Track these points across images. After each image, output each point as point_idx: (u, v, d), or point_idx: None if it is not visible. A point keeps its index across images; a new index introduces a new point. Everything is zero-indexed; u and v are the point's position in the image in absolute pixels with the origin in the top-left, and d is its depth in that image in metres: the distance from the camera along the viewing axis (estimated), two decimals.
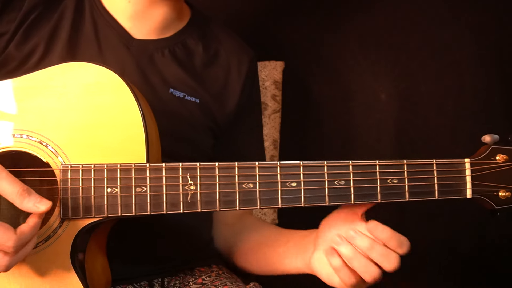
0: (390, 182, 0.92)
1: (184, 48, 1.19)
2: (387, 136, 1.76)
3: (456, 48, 1.74)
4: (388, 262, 0.88)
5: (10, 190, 0.78)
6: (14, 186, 0.78)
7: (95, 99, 0.90)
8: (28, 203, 0.78)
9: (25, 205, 0.78)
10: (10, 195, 0.78)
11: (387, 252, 0.88)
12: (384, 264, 0.88)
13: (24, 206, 0.78)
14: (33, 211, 0.79)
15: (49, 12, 1.10)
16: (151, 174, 0.87)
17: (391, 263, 0.88)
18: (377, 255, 0.88)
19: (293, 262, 1.04)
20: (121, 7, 1.13)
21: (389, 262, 0.88)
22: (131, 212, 0.86)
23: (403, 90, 1.76)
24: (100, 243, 0.98)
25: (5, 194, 0.78)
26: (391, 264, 0.88)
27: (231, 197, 0.88)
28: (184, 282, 1.15)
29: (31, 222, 0.79)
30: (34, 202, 0.78)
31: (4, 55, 1.08)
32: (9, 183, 0.78)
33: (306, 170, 0.89)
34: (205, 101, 1.19)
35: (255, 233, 1.19)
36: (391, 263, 0.88)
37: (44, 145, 0.88)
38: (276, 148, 1.63)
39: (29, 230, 0.78)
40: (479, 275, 1.81)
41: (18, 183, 0.78)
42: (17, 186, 0.78)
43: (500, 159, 0.95)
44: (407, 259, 1.67)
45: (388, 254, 0.88)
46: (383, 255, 0.88)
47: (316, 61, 1.79)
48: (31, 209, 0.78)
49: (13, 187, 0.78)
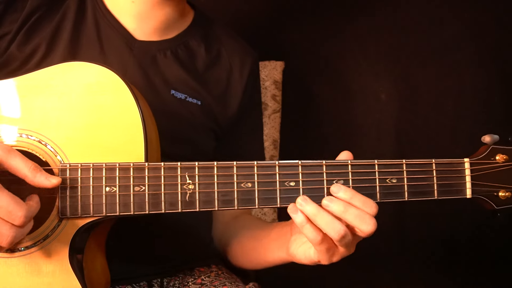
0: (389, 181, 0.91)
1: (186, 49, 1.19)
2: (387, 136, 1.77)
3: (456, 48, 1.74)
4: (364, 223, 0.86)
5: (23, 165, 0.81)
6: (27, 162, 0.82)
7: (94, 99, 0.90)
8: (40, 177, 0.82)
9: (37, 179, 0.82)
10: (23, 170, 0.81)
11: (361, 213, 0.86)
12: (361, 226, 0.86)
13: (36, 179, 0.82)
14: (44, 184, 0.82)
15: (52, 12, 1.10)
16: (149, 173, 0.87)
17: (367, 223, 0.86)
18: (352, 217, 0.86)
19: (276, 252, 1.04)
20: (125, 7, 1.13)
21: (365, 223, 0.86)
22: (129, 212, 0.86)
23: (403, 90, 1.76)
24: (99, 243, 0.98)
25: (19, 168, 0.81)
26: (367, 225, 0.86)
27: (230, 196, 0.88)
28: (183, 282, 1.15)
29: (35, 198, 0.82)
30: (46, 176, 0.83)
31: (6, 55, 1.08)
32: (22, 160, 0.82)
33: (304, 170, 0.89)
34: (207, 103, 1.19)
35: (247, 229, 1.19)
36: (367, 224, 0.86)
37: (43, 144, 0.89)
38: (276, 148, 1.63)
39: (35, 205, 0.81)
40: (479, 275, 1.81)
41: (30, 161, 0.82)
42: (30, 162, 0.82)
43: (500, 159, 0.94)
44: (407, 259, 1.68)
45: (362, 215, 0.86)
46: (358, 216, 0.86)
47: (316, 61, 1.79)
48: (43, 182, 0.82)
49: (26, 162, 0.82)
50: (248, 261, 1.17)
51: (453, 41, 1.74)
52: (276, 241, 1.04)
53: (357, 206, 0.87)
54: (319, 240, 0.87)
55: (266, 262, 1.10)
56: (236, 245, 1.19)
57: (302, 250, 0.94)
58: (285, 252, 1.00)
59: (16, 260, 0.87)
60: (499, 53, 1.73)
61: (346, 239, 0.87)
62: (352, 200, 0.87)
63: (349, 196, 0.87)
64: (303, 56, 1.79)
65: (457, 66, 1.74)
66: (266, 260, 1.10)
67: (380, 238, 1.69)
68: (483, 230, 1.77)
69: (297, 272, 1.16)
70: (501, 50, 1.73)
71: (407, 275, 1.78)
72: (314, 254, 0.91)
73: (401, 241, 1.77)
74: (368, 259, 1.71)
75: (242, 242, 1.18)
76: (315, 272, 1.18)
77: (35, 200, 0.82)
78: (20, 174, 0.81)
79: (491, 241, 1.78)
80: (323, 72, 1.79)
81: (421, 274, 1.79)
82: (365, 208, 0.87)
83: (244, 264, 1.19)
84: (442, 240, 1.77)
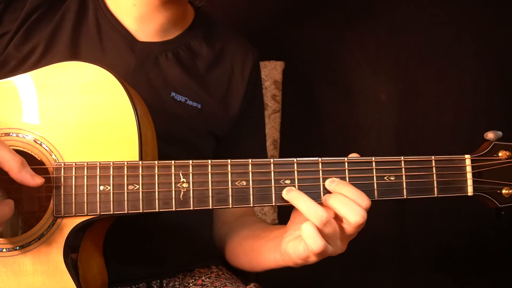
0: (387, 179, 0.91)
1: (188, 50, 1.19)
2: (387, 136, 1.76)
3: (456, 48, 1.74)
4: (352, 213, 0.85)
5: (10, 157, 0.82)
6: (15, 156, 0.82)
7: (90, 98, 0.90)
8: (26, 173, 0.82)
9: (23, 174, 0.82)
10: (8, 162, 0.81)
11: (349, 201, 0.85)
12: (349, 215, 0.85)
13: (21, 175, 0.82)
14: (27, 181, 0.82)
15: (51, 13, 1.11)
16: (143, 172, 0.87)
17: (355, 214, 0.85)
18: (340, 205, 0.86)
19: (271, 253, 1.00)
20: (127, 9, 1.13)
21: (352, 213, 0.85)
22: (123, 210, 0.86)
23: (403, 90, 1.75)
24: (95, 243, 0.98)
25: (4, 160, 0.81)
26: (355, 215, 0.85)
27: (224, 194, 0.87)
28: (183, 283, 1.15)
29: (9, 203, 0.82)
30: (31, 174, 0.83)
31: (4, 55, 1.09)
32: (10, 153, 0.82)
33: (300, 167, 0.89)
34: (207, 106, 1.18)
35: (248, 229, 1.18)
36: (355, 214, 0.85)
37: (38, 144, 0.89)
38: (276, 148, 1.63)
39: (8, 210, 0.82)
40: (479, 276, 1.80)
41: (18, 155, 0.83)
42: (18, 156, 0.82)
43: (503, 155, 0.92)
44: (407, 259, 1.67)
45: (351, 204, 0.85)
46: (345, 203, 0.85)
47: (316, 61, 1.79)
48: (27, 179, 0.82)
49: (14, 156, 0.82)
50: (247, 261, 1.15)
51: (453, 41, 1.74)
52: (273, 241, 1.02)
53: (346, 195, 0.86)
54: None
55: (261, 264, 1.06)
56: (237, 245, 1.18)
57: (291, 245, 0.91)
58: (280, 255, 0.97)
59: (11, 259, 0.87)
60: (499, 53, 1.73)
61: (330, 229, 0.85)
62: (342, 190, 0.87)
63: (340, 186, 0.87)
64: (303, 56, 1.78)
65: (457, 66, 1.74)
66: (260, 261, 1.06)
67: (379, 238, 1.70)
68: (483, 230, 1.76)
69: (297, 273, 1.15)
70: (501, 50, 1.73)
71: (407, 275, 1.78)
72: (303, 249, 0.88)
73: (401, 241, 1.76)
74: (368, 260, 1.70)
75: (242, 242, 1.16)
76: (315, 273, 1.18)
77: (9, 205, 0.82)
78: (5, 166, 0.81)
79: (491, 241, 1.77)
80: (323, 72, 1.78)
81: (421, 275, 1.79)
82: (355, 198, 0.86)
83: (243, 264, 1.17)
84: (442, 240, 1.77)
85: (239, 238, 1.17)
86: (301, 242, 0.88)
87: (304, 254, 0.88)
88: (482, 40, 1.73)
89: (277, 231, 1.03)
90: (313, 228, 0.85)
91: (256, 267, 1.10)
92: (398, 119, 1.76)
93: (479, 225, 1.73)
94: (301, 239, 0.88)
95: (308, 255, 0.88)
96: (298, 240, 0.90)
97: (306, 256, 0.89)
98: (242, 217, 1.27)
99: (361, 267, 1.70)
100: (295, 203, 0.87)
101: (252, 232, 1.15)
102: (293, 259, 0.92)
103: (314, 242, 0.85)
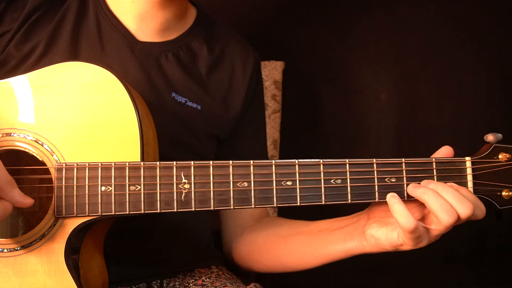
0: (388, 181, 0.91)
1: (188, 51, 1.18)
2: (387, 136, 1.76)
3: (456, 48, 1.74)
4: (462, 206, 0.87)
5: (2, 177, 0.81)
6: (7, 175, 0.81)
7: (91, 99, 0.90)
8: (15, 193, 0.82)
9: (12, 194, 0.81)
10: (0, 182, 0.81)
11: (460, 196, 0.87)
12: (458, 207, 0.87)
13: (10, 194, 0.81)
14: (16, 201, 0.82)
15: (52, 12, 1.10)
16: (145, 173, 0.87)
17: (466, 206, 0.86)
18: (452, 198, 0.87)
19: (340, 246, 1.01)
20: (126, 8, 1.12)
21: (463, 206, 0.86)
22: (124, 211, 0.86)
23: (403, 90, 1.75)
24: (96, 243, 0.98)
25: None
26: (465, 208, 0.86)
27: (225, 195, 0.87)
28: (184, 283, 1.15)
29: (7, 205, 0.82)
30: (20, 194, 0.82)
31: (4, 54, 1.08)
32: (2, 170, 0.81)
33: (301, 169, 0.89)
34: (207, 107, 1.18)
35: (282, 228, 1.16)
36: (466, 207, 0.86)
37: (40, 144, 0.89)
38: (276, 148, 1.63)
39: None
40: (479, 277, 1.80)
41: (8, 174, 0.82)
42: (9, 176, 0.82)
43: (502, 157, 0.93)
44: (408, 259, 1.67)
45: (461, 197, 0.87)
46: (456, 196, 0.87)
47: (316, 61, 1.79)
48: (16, 199, 0.82)
49: (5, 175, 0.81)
50: (292, 260, 1.12)
51: (453, 41, 1.74)
52: (339, 231, 1.03)
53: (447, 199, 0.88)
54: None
55: (320, 257, 1.06)
56: (274, 247, 1.15)
57: (382, 232, 0.95)
58: (355, 240, 0.99)
59: (12, 259, 0.87)
60: (499, 53, 1.73)
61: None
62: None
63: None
64: (303, 56, 1.78)
65: (457, 66, 1.74)
66: (320, 254, 1.06)
67: None
68: (484, 232, 1.76)
69: (297, 274, 1.15)
70: (501, 50, 1.73)
71: (407, 276, 1.78)
72: (398, 237, 0.92)
73: None
74: (368, 262, 1.70)
75: (287, 241, 1.13)
76: (316, 274, 1.18)
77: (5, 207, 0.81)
78: None
79: (492, 244, 1.77)
80: (323, 72, 1.78)
81: (421, 275, 1.79)
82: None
83: (286, 265, 1.14)
84: (442, 242, 1.77)
85: (276, 237, 1.15)
86: (395, 231, 0.93)
87: (399, 243, 0.93)
88: (482, 40, 1.73)
89: (339, 222, 1.05)
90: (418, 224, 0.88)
91: (308, 263, 1.10)
92: (398, 119, 1.76)
93: (479, 227, 1.73)
94: (395, 227, 0.93)
95: (403, 244, 0.93)
96: (391, 228, 0.94)
97: (400, 245, 0.94)
98: (263, 218, 1.26)
99: (361, 269, 1.70)
100: (423, 198, 0.88)
101: (294, 229, 1.14)
102: (382, 245, 0.95)
103: (415, 244, 0.91)
